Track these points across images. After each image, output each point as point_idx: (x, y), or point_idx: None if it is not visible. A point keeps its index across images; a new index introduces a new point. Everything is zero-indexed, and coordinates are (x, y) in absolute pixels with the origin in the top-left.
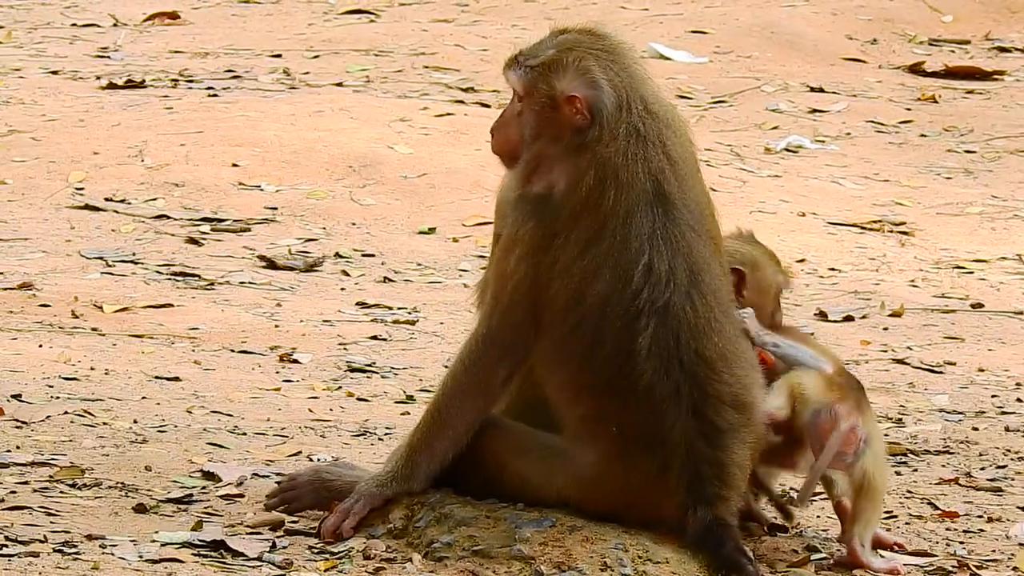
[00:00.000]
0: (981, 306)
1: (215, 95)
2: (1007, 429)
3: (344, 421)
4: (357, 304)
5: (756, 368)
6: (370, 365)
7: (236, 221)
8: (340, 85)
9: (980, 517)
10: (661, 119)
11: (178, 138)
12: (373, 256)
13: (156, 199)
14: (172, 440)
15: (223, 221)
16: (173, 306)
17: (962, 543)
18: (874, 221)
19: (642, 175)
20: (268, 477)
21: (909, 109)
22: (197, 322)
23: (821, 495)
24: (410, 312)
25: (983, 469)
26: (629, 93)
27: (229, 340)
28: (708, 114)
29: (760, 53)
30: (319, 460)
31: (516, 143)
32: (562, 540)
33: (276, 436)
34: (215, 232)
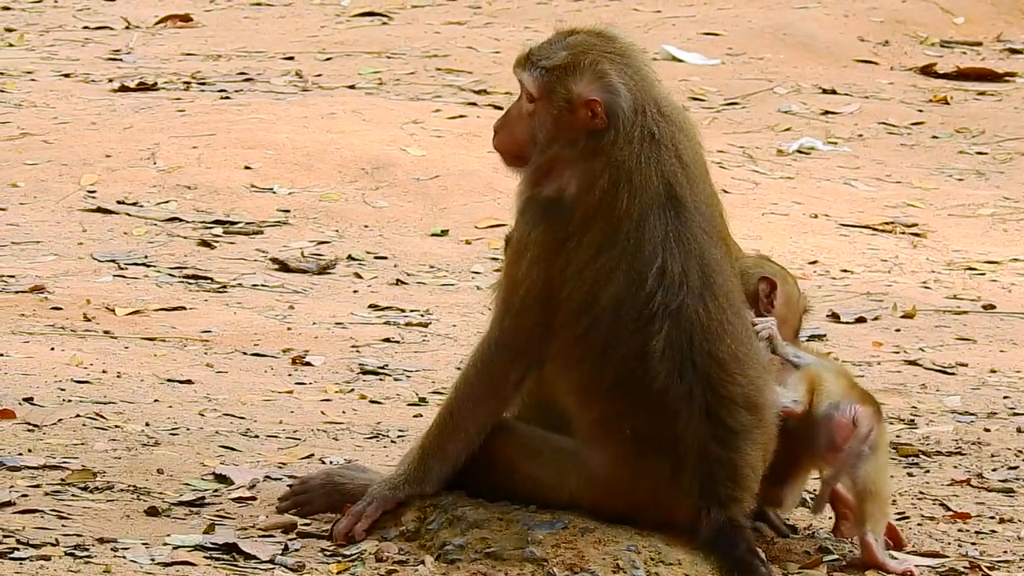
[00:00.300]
0: (993, 307)
1: (227, 98)
2: (1019, 430)
3: (356, 423)
4: (370, 306)
5: (767, 369)
6: (382, 367)
7: (248, 224)
8: (352, 87)
9: (992, 518)
10: (674, 122)
11: (190, 141)
12: (386, 258)
13: (168, 202)
14: (184, 443)
15: (235, 224)
16: (185, 309)
17: (974, 544)
18: (886, 223)
19: (655, 178)
20: (280, 480)
21: (921, 111)
22: (209, 325)
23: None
24: (422, 314)
25: (995, 470)
26: (644, 96)
27: (241, 343)
28: (720, 116)
29: (772, 55)
30: (331, 463)
31: (523, 142)
32: (574, 542)
33: (288, 439)
34: (227, 235)
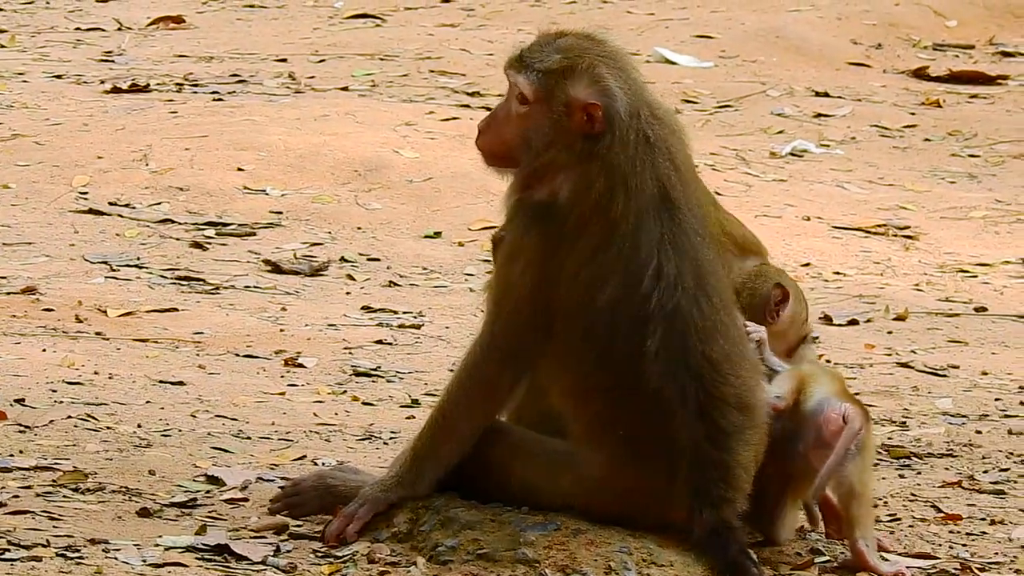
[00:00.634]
0: (985, 310)
1: (220, 99)
2: (1010, 432)
3: (349, 425)
4: (362, 308)
5: (758, 370)
6: (375, 369)
7: (241, 225)
8: (345, 89)
9: (983, 520)
10: (666, 124)
11: (183, 142)
12: (378, 260)
13: (160, 203)
14: (176, 444)
15: (228, 225)
16: (177, 310)
17: (965, 546)
18: (879, 225)
19: (650, 181)
20: (272, 481)
21: (913, 114)
22: (201, 326)
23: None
24: (415, 316)
25: (986, 472)
26: (638, 100)
27: (234, 344)
28: (713, 118)
29: (765, 58)
30: (323, 464)
31: (513, 145)
32: (566, 544)
33: (280, 440)
34: (220, 236)
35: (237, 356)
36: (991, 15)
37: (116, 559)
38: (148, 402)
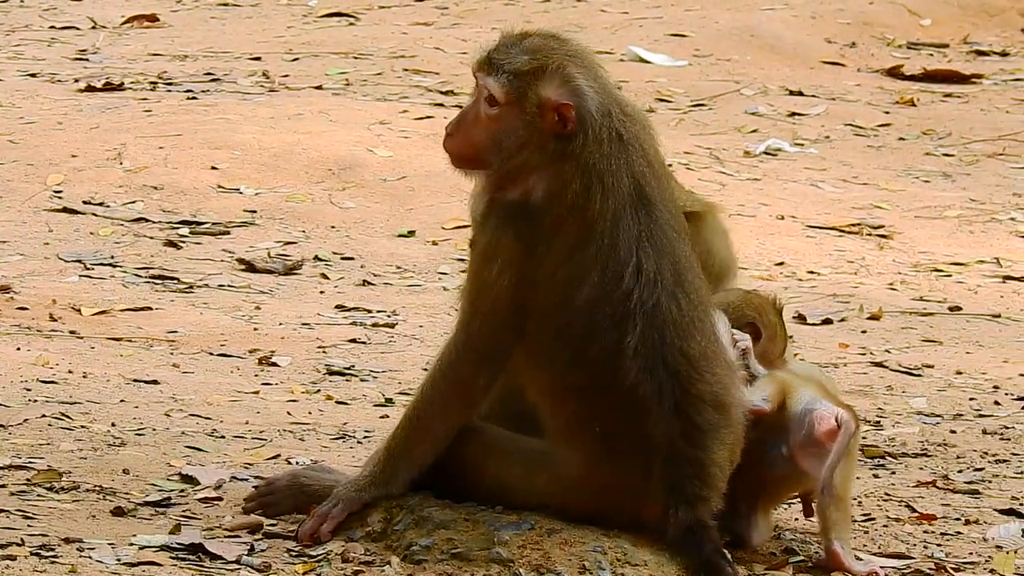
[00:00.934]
0: (959, 309)
1: (194, 98)
2: (984, 432)
3: (323, 424)
4: (336, 307)
5: (734, 369)
6: (349, 368)
7: (215, 224)
8: (319, 88)
9: (958, 519)
10: (637, 121)
11: (157, 141)
12: (352, 259)
13: (135, 202)
14: (150, 443)
15: (202, 224)
16: (151, 309)
17: (940, 545)
18: (853, 224)
19: (626, 179)
20: (246, 480)
21: (888, 112)
22: (175, 325)
23: (795, 499)
24: (389, 315)
25: (961, 472)
26: (608, 99)
27: (208, 343)
28: (687, 117)
29: (739, 56)
30: (297, 463)
31: (483, 146)
32: (541, 543)
33: (254, 439)
34: (194, 235)
35: (211, 355)
36: (965, 14)
37: (90, 558)
38: (122, 401)
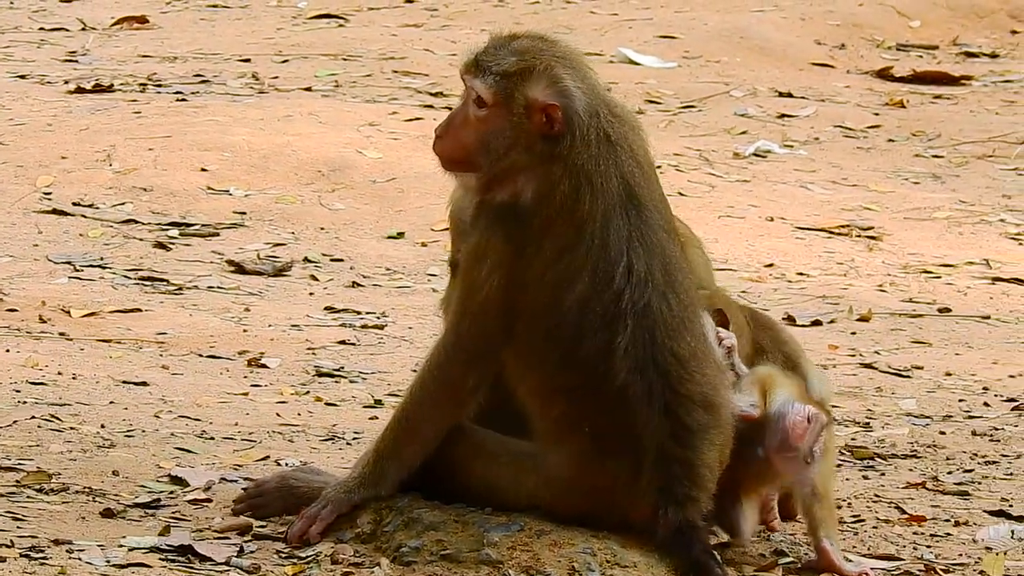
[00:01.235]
0: (948, 311)
1: (184, 99)
2: (974, 433)
3: (312, 426)
4: (325, 309)
5: (723, 369)
6: (338, 370)
7: (204, 226)
8: (309, 90)
9: (947, 521)
10: (625, 122)
11: (146, 143)
12: (342, 261)
13: (124, 203)
14: (140, 445)
15: (191, 226)
16: (141, 311)
17: (929, 547)
18: (842, 226)
19: (615, 180)
20: (236, 482)
21: (877, 114)
22: (165, 327)
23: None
24: (379, 317)
25: (950, 473)
26: (596, 100)
27: (197, 345)
28: (677, 119)
29: (729, 58)
30: (287, 465)
31: (472, 148)
32: (530, 544)
33: (244, 441)
34: (183, 237)
35: (200, 356)
36: (955, 16)
37: (80, 560)
38: (112, 402)
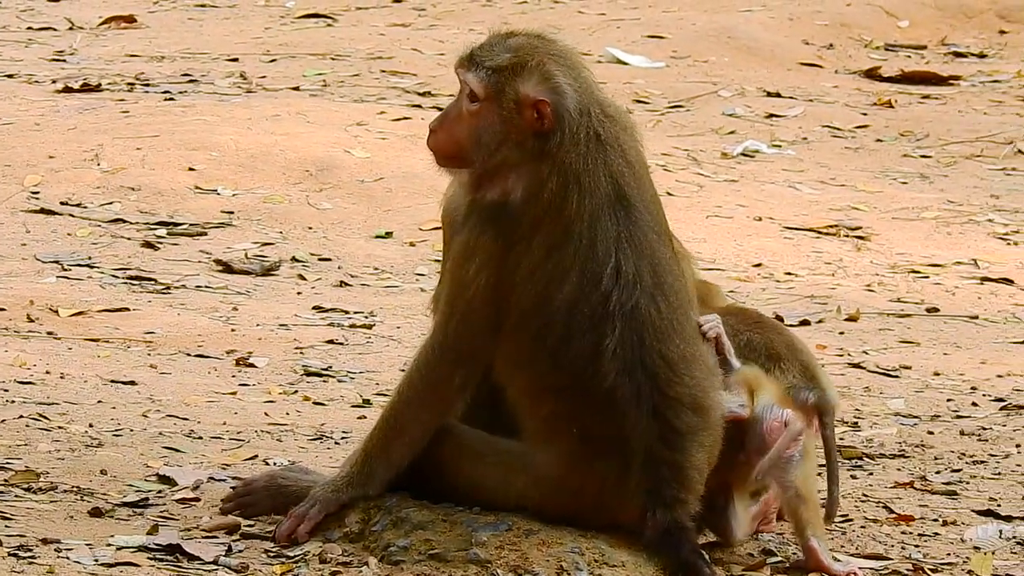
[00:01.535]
0: (936, 310)
1: (171, 99)
2: (962, 433)
3: (300, 425)
4: (313, 308)
5: (713, 372)
6: (326, 369)
7: (192, 225)
8: (297, 89)
9: (935, 521)
10: (617, 122)
11: (134, 142)
12: (330, 260)
13: (112, 203)
14: (128, 444)
15: (179, 225)
16: (129, 310)
17: (917, 547)
18: (830, 226)
19: (604, 179)
20: (224, 481)
21: (865, 114)
22: (153, 326)
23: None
24: (367, 316)
25: (938, 473)
26: (588, 98)
27: (185, 344)
28: (665, 119)
29: (717, 58)
30: (275, 464)
31: (465, 144)
32: (518, 544)
33: (232, 440)
34: (171, 236)
35: (188, 356)
36: (943, 16)
37: (68, 559)
38: (100, 402)
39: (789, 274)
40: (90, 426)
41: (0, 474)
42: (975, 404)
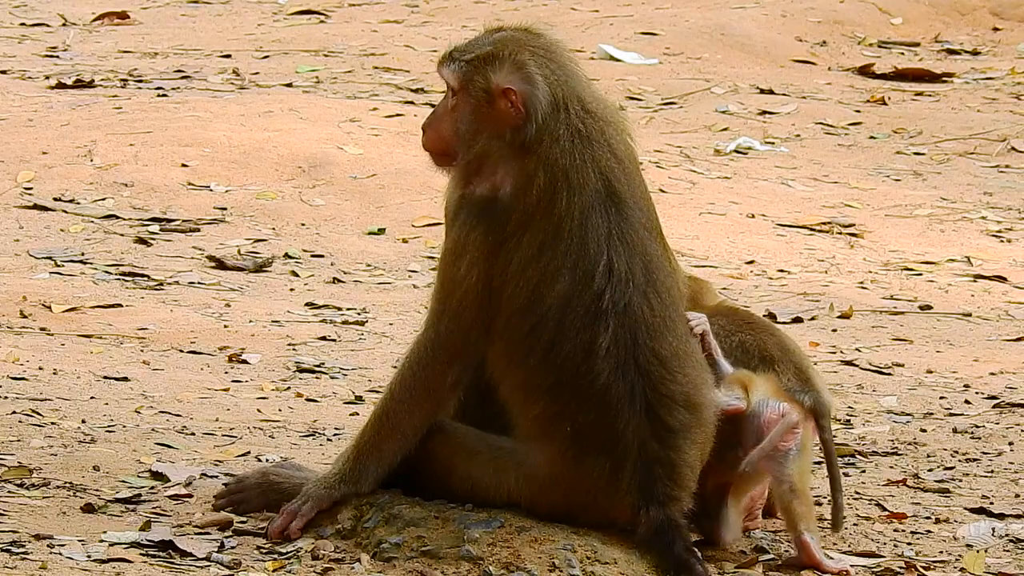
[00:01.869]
0: (929, 308)
1: (164, 95)
2: (955, 430)
3: (293, 422)
4: (306, 305)
5: (706, 368)
6: (319, 366)
7: (185, 221)
8: (290, 86)
9: (928, 518)
10: (601, 117)
11: (127, 138)
12: (322, 257)
13: (105, 199)
14: (120, 440)
15: (172, 221)
16: (122, 306)
17: (910, 544)
18: (823, 223)
19: (593, 176)
20: (216, 477)
21: (858, 111)
22: (146, 322)
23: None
24: (359, 313)
25: (931, 470)
26: (565, 91)
27: (178, 340)
28: (658, 115)
29: (710, 55)
30: (267, 461)
31: (449, 139)
32: (511, 541)
33: (225, 436)
34: (164, 232)
35: (181, 352)
36: (936, 12)
37: (61, 555)
38: (92, 398)
39: (782, 271)
40: (83, 422)
41: None
42: (968, 402)
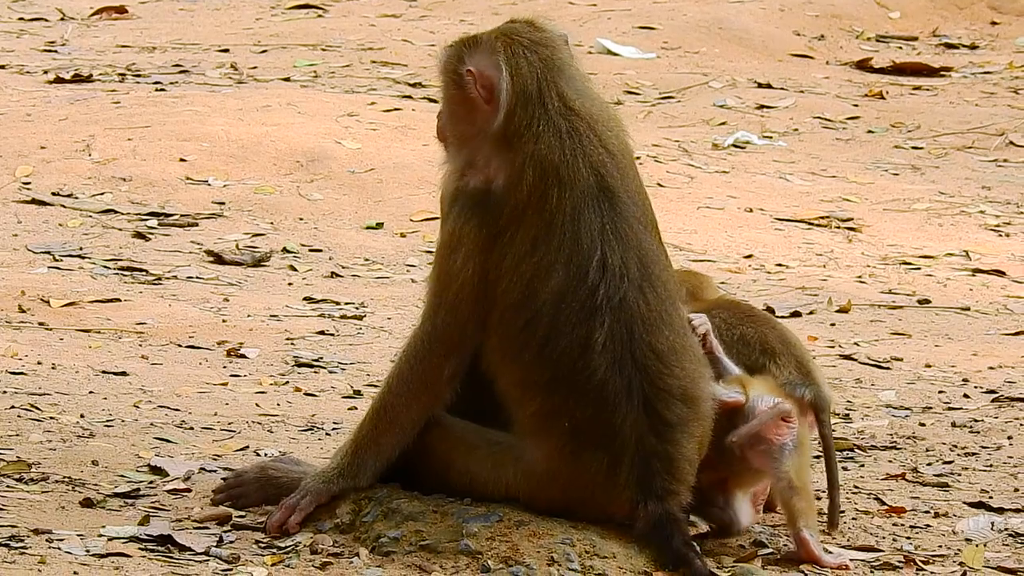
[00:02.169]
0: (928, 302)
1: (163, 90)
2: (953, 424)
3: (291, 416)
4: (304, 299)
5: (703, 362)
6: (317, 360)
7: (183, 216)
8: (288, 80)
9: (927, 512)
10: (588, 113)
11: (125, 133)
12: (320, 251)
13: (103, 193)
14: (119, 435)
15: (170, 216)
16: (120, 301)
17: (909, 538)
18: (821, 217)
19: (585, 171)
20: (215, 472)
21: (856, 105)
22: (144, 317)
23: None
24: (357, 307)
25: (930, 465)
26: (542, 84)
27: (176, 335)
28: (656, 110)
29: (708, 49)
30: (266, 455)
31: (440, 127)
32: (509, 535)
33: (223, 431)
34: (162, 227)
35: (180, 347)
36: (934, 6)
37: (60, 549)
38: (91, 392)
39: (780, 265)
40: (81, 416)
41: None
42: (967, 396)
